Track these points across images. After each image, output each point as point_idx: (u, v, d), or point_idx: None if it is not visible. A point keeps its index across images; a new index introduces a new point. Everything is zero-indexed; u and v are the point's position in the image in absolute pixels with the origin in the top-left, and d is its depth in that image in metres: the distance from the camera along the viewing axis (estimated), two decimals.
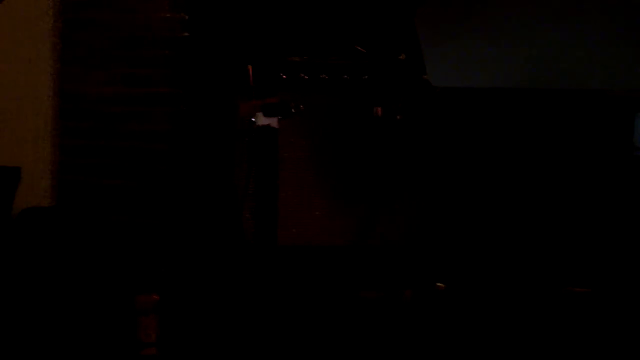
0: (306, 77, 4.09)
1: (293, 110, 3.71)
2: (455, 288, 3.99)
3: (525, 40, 3.16)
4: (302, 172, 4.07)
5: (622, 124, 3.36)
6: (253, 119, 3.64)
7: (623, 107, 3.33)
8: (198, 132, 4.24)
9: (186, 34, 4.35)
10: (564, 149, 3.79)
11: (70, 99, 4.42)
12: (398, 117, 3.99)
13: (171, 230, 4.22)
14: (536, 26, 3.09)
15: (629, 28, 2.92)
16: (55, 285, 4.11)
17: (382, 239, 4.04)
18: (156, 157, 4.30)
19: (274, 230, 3.61)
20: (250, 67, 4.03)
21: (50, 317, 4.02)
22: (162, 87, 4.34)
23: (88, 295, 4.11)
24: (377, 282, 3.98)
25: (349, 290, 3.95)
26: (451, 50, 3.16)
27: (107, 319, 4.03)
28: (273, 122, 3.61)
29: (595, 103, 3.50)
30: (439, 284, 4.01)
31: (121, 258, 4.25)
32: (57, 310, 4.04)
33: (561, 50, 3.13)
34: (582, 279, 3.80)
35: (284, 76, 4.04)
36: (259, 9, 4.31)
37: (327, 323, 3.88)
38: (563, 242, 3.88)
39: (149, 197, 4.29)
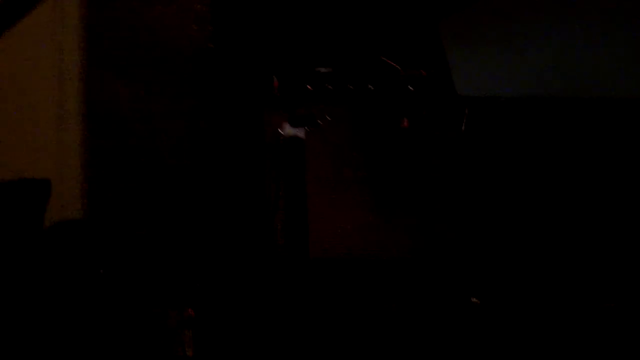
0: (331, 87, 4.11)
1: (319, 121, 3.74)
2: (490, 302, 3.99)
3: (552, 48, 3.17)
4: (329, 184, 4.09)
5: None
6: (280, 131, 3.67)
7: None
8: (225, 145, 4.26)
9: (211, 45, 4.38)
10: (596, 159, 3.78)
11: (97, 113, 4.46)
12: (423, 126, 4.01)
13: (202, 244, 4.25)
14: (563, 34, 3.09)
15: None
16: (88, 300, 4.13)
17: (414, 251, 4.05)
18: (184, 171, 4.34)
19: (305, 243, 3.63)
20: (275, 78, 4.06)
21: (83, 331, 4.05)
22: (187, 101, 4.37)
23: (121, 310, 4.14)
24: (408, 295, 3.99)
25: (380, 303, 3.96)
26: (477, 60, 3.17)
27: (141, 334, 4.06)
28: (300, 132, 3.64)
29: (626, 111, 3.49)
30: (474, 299, 4.02)
31: (154, 272, 4.28)
32: (90, 325, 4.07)
33: (587, 58, 3.13)
34: (609, 292, 3.80)
35: (310, 87, 4.06)
36: (284, 20, 4.33)
37: (359, 335, 3.90)
38: (594, 255, 3.89)
39: (180, 211, 4.32)
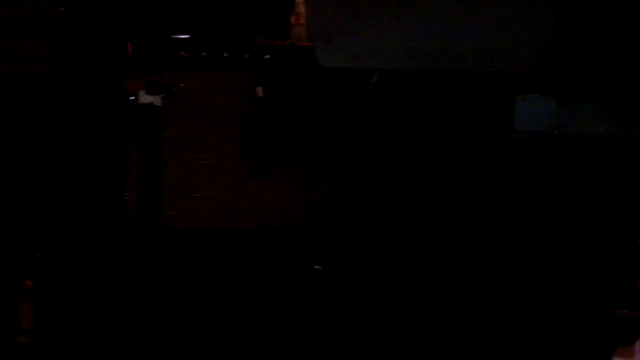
0: (186, 55, 4.04)
1: (174, 89, 3.67)
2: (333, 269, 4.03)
3: (411, 19, 3.16)
4: (184, 153, 4.02)
5: (503, 107, 3.43)
6: (134, 97, 3.58)
7: (504, 90, 3.40)
8: (79, 110, 4.13)
9: (62, 9, 4.24)
10: (445, 131, 3.86)
11: None
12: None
13: (48, 213, 4.12)
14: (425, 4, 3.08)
15: (517, 11, 2.96)
16: None
17: (265, 219, 4.03)
18: (36, 137, 4.19)
19: (158, 213, 3.56)
20: (130, 45, 3.96)
21: None
22: (44, 65, 4.21)
23: None
24: (263, 264, 3.98)
25: (235, 272, 3.94)
26: (339, 30, 3.14)
27: None
28: (156, 100, 3.56)
29: (477, 85, 3.56)
30: (316, 266, 4.04)
31: None
32: None
33: (447, 31, 3.14)
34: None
35: (168, 54, 3.98)
36: None
37: (213, 304, 3.86)
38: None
39: (27, 178, 4.17)
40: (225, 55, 4.07)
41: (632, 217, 3.63)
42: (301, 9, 4.12)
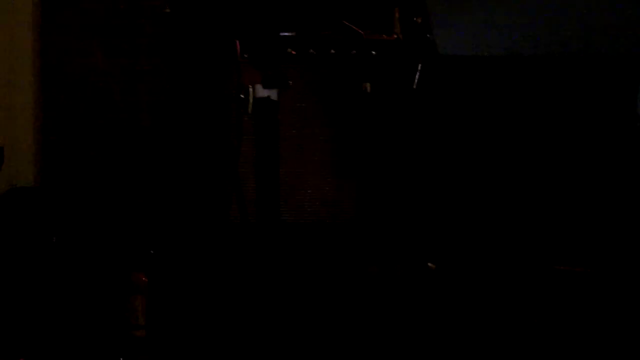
0: (294, 52, 4.06)
1: (290, 82, 3.67)
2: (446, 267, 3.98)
3: (528, 5, 3.14)
4: (290, 149, 4.03)
5: (627, 91, 3.35)
6: (249, 92, 3.59)
7: (628, 74, 3.33)
8: (190, 105, 4.16)
9: (168, 10, 4.28)
10: (565, 117, 3.78)
11: (53, 74, 4.31)
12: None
13: (163, 209, 4.14)
14: None
15: None
16: (40, 265, 4.02)
17: (381, 214, 4.02)
18: (143, 132, 4.22)
19: (277, 208, 3.55)
20: (238, 42, 3.98)
21: (35, 300, 3.93)
22: (148, 60, 4.26)
23: (75, 275, 4.03)
24: (379, 257, 3.96)
25: (353, 266, 3.92)
26: (459, 17, 3.14)
27: (95, 300, 3.96)
28: (273, 94, 3.57)
29: (599, 69, 3.48)
30: (430, 263, 4.00)
31: (108, 238, 4.17)
32: (44, 291, 3.95)
33: (565, 15, 3.11)
34: (579, 258, 3.80)
35: (278, 51, 4.00)
36: None
37: (330, 299, 3.85)
38: (559, 218, 3.88)
39: (139, 174, 4.21)
40: (332, 51, 4.08)
41: None
42: None
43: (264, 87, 3.53)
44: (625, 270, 3.72)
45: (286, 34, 4.07)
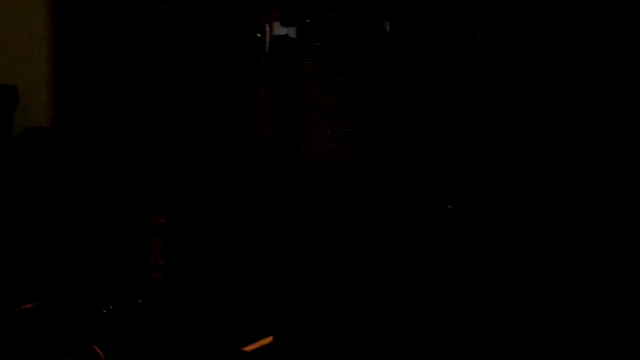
0: None
1: (308, 21, 3.59)
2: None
3: None
4: (307, 88, 3.97)
5: None
6: (265, 30, 3.52)
7: None
8: (207, 47, 4.10)
9: None
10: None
11: (66, 16, 4.25)
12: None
13: (180, 150, 4.10)
14: None
15: None
16: (58, 207, 3.99)
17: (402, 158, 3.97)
18: (161, 73, 4.17)
19: (296, 150, 3.49)
20: None
21: (52, 240, 3.92)
22: (164, 3, 4.19)
23: (93, 217, 4.01)
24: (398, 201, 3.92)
25: (373, 209, 3.89)
26: None
27: (112, 242, 3.94)
28: (291, 32, 3.49)
29: None
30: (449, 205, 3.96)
31: (125, 180, 4.14)
32: (61, 233, 3.94)
33: None
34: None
35: None
36: None
37: (348, 243, 3.82)
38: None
39: (155, 116, 4.16)
40: None
41: None
42: None
43: (282, 24, 3.45)
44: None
45: None
